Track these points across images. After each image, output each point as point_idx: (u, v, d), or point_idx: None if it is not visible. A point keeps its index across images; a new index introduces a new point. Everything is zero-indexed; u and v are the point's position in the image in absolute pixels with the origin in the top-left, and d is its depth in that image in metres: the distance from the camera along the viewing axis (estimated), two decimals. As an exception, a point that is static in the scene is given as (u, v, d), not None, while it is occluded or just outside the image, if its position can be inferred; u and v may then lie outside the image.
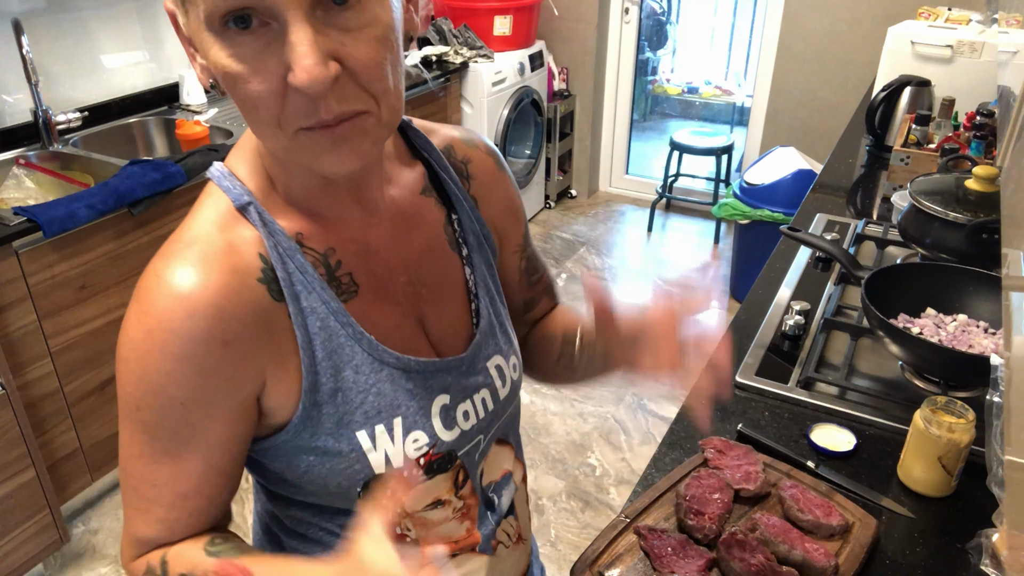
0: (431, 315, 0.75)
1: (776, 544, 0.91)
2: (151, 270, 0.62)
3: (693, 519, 0.95)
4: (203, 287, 0.60)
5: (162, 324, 0.59)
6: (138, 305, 0.61)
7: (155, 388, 0.61)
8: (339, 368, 0.66)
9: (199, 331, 0.60)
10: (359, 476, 0.68)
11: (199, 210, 0.65)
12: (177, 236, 0.63)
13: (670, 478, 1.04)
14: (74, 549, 2.17)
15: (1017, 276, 0.66)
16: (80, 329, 2.05)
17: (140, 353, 0.60)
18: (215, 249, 0.62)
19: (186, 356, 0.60)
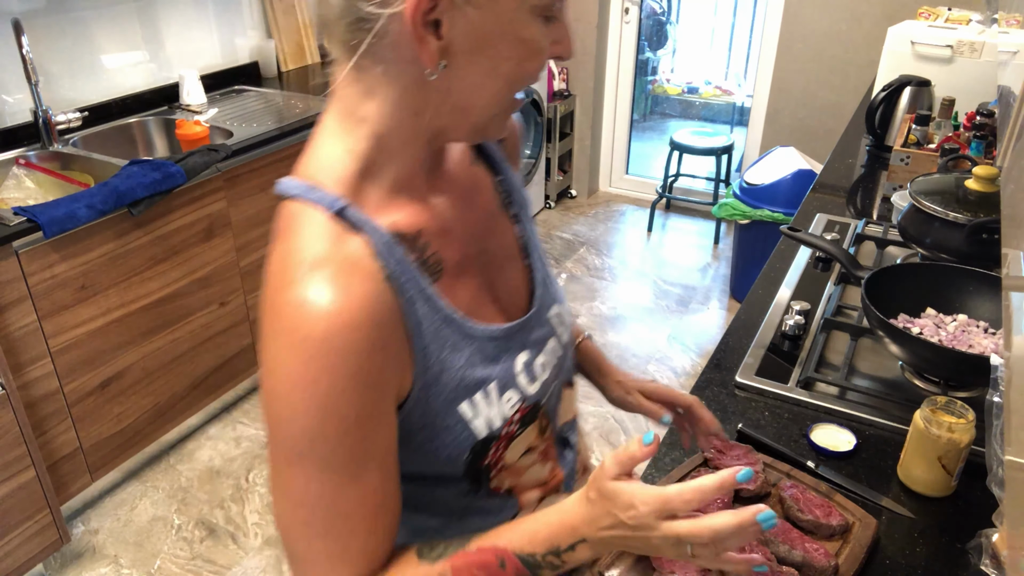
0: (498, 280, 0.79)
1: (776, 544, 0.91)
2: (287, 300, 0.61)
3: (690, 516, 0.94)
4: (351, 300, 0.60)
5: (324, 347, 0.59)
6: (287, 338, 0.60)
7: (329, 413, 0.60)
8: (440, 349, 0.69)
9: (361, 343, 0.60)
10: (466, 444, 0.72)
11: (299, 230, 0.65)
12: (291, 262, 0.63)
13: (670, 478, 1.04)
14: (74, 549, 2.17)
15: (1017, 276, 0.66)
16: (80, 329, 2.05)
17: (305, 383, 0.59)
18: (341, 262, 0.62)
19: (353, 372, 0.60)
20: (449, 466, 0.73)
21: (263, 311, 0.63)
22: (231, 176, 2.40)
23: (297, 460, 0.62)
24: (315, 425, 0.61)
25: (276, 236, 0.67)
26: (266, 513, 2.29)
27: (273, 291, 0.63)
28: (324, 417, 0.60)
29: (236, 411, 2.72)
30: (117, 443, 2.26)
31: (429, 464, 0.73)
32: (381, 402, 0.64)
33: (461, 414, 0.71)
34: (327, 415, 0.60)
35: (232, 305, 2.53)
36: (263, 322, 0.63)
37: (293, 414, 0.61)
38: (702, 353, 3.05)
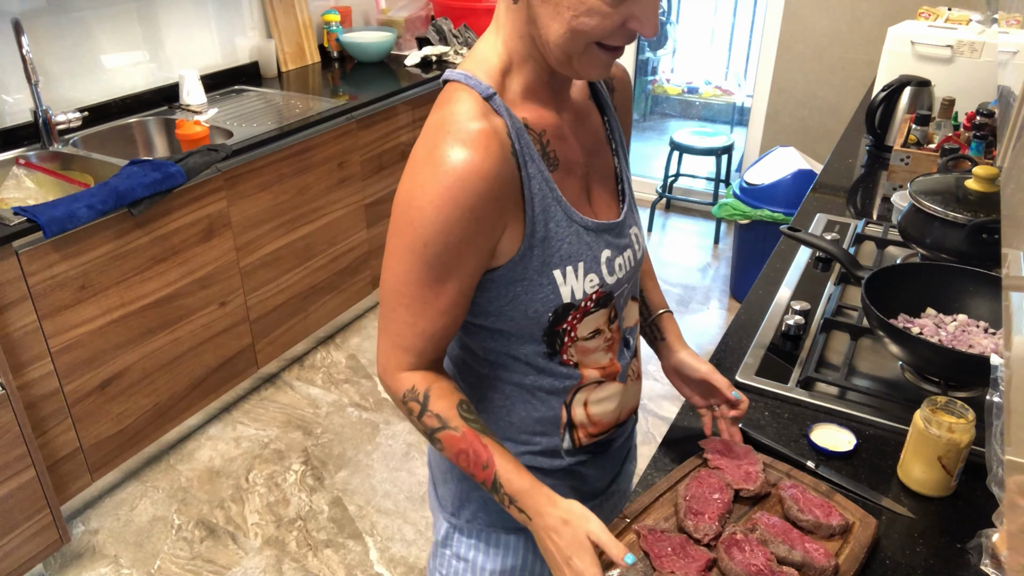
0: (596, 189, 0.96)
1: (776, 544, 0.91)
2: (440, 143, 0.80)
3: (692, 519, 0.95)
4: (486, 158, 0.80)
5: (459, 183, 0.79)
6: (435, 169, 0.80)
7: (445, 229, 0.80)
8: (547, 221, 0.87)
9: (485, 191, 0.80)
10: (551, 304, 0.90)
11: (456, 103, 0.83)
12: (449, 120, 0.82)
13: (670, 478, 1.04)
14: (74, 549, 2.17)
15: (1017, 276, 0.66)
16: (80, 329, 2.05)
17: (438, 203, 0.80)
18: (484, 130, 0.81)
19: (473, 207, 0.80)
20: (534, 323, 0.91)
21: (419, 148, 0.83)
22: (231, 176, 2.40)
23: (409, 252, 0.83)
24: (433, 234, 0.81)
25: (439, 104, 0.85)
26: (266, 513, 2.29)
27: (432, 136, 0.82)
28: (441, 230, 0.81)
29: (236, 411, 2.72)
30: (117, 443, 2.26)
31: (518, 318, 0.91)
32: (482, 238, 0.83)
33: (554, 277, 0.89)
34: (443, 230, 0.81)
35: (232, 305, 2.53)
36: (417, 156, 0.82)
37: (422, 220, 0.81)
38: (702, 353, 3.05)
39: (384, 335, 0.90)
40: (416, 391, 0.89)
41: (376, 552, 2.16)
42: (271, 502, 2.33)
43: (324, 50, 3.44)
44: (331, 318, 3.03)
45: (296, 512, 2.29)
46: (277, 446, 2.55)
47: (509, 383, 0.99)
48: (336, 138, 2.79)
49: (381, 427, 2.64)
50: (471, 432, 0.87)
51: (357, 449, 2.54)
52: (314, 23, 3.36)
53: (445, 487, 1.09)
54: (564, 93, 0.93)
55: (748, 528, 0.94)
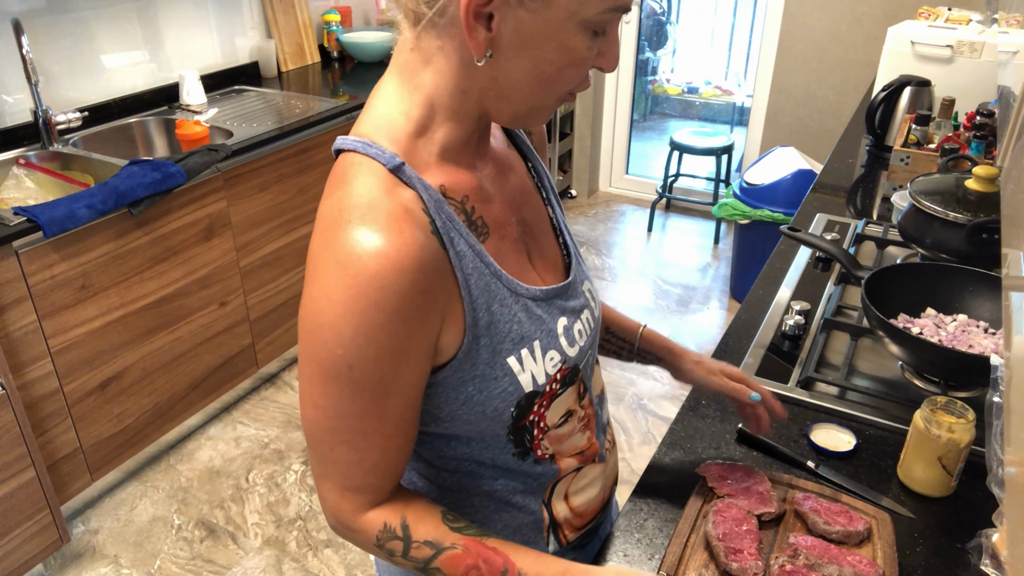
0: (535, 250, 0.85)
1: (823, 566, 0.90)
2: (342, 239, 0.66)
3: (735, 559, 0.91)
4: (403, 245, 0.66)
5: (374, 283, 0.65)
6: (340, 271, 0.66)
7: (368, 342, 0.67)
8: (489, 303, 0.75)
9: (407, 285, 0.66)
10: (512, 397, 0.78)
11: (355, 178, 0.70)
12: (348, 205, 0.68)
13: (687, 518, 0.99)
14: (74, 549, 2.17)
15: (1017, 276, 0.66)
16: (80, 329, 2.05)
17: (353, 314, 0.66)
18: (394, 210, 0.68)
19: (397, 309, 0.66)
20: (495, 422, 0.79)
21: (316, 246, 0.69)
22: (231, 176, 2.40)
23: (333, 379, 0.69)
24: (356, 353, 0.67)
25: (333, 183, 0.72)
26: (266, 513, 2.29)
27: (328, 228, 0.68)
28: (365, 345, 0.67)
29: (236, 411, 2.72)
30: (117, 443, 2.26)
31: (476, 420, 0.78)
32: (416, 340, 0.70)
33: (509, 366, 0.77)
34: (368, 345, 0.67)
35: (232, 305, 2.53)
36: (315, 255, 0.69)
37: (339, 340, 0.67)
38: (702, 353, 3.05)
39: (327, 480, 0.75)
40: (391, 527, 0.75)
41: (376, 552, 2.16)
42: (271, 502, 2.33)
43: (324, 50, 3.45)
44: (331, 318, 3.02)
45: (296, 512, 2.29)
46: (277, 446, 2.56)
47: (476, 493, 0.86)
48: (336, 138, 2.79)
49: (381, 427, 2.64)
50: (473, 542, 0.75)
51: (357, 449, 2.54)
52: (314, 23, 3.36)
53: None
54: (484, 146, 0.81)
55: (790, 555, 0.93)
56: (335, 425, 0.71)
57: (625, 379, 2.87)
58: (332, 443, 0.72)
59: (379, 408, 0.71)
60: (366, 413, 0.71)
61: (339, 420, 0.71)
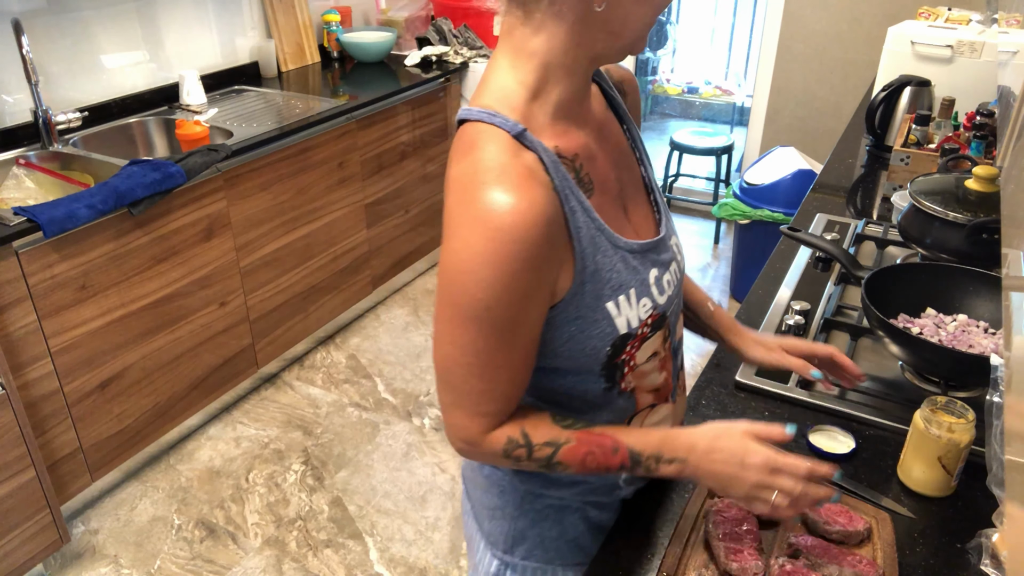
0: (631, 206, 0.93)
1: (824, 566, 0.90)
2: (481, 197, 0.75)
3: (735, 559, 0.91)
4: (532, 202, 0.75)
5: (510, 235, 0.74)
6: (481, 226, 0.74)
7: (503, 287, 0.75)
8: (595, 254, 0.83)
9: (536, 237, 0.75)
10: (608, 338, 0.86)
11: (483, 145, 0.78)
12: (481, 168, 0.76)
13: (687, 518, 1.00)
14: (74, 549, 2.17)
15: (1017, 276, 0.66)
16: (80, 329, 2.05)
17: (492, 262, 0.74)
18: (522, 172, 0.76)
19: (527, 258, 0.75)
20: (592, 359, 0.87)
21: (453, 204, 0.77)
22: (231, 176, 2.40)
23: (472, 320, 0.78)
24: (493, 296, 0.76)
25: (463, 150, 0.79)
26: (266, 513, 2.29)
27: (465, 189, 0.76)
28: (502, 291, 0.76)
29: (236, 411, 2.72)
30: (117, 443, 2.26)
31: (576, 356, 0.87)
32: (540, 284, 0.79)
33: (608, 310, 0.85)
34: (504, 290, 0.76)
35: (232, 305, 2.53)
36: (454, 214, 0.77)
37: (479, 285, 0.75)
38: (702, 353, 3.05)
39: (458, 408, 0.84)
40: (514, 439, 0.85)
41: (376, 552, 2.16)
42: (271, 502, 2.33)
43: (324, 50, 3.44)
44: (331, 318, 3.03)
45: (296, 512, 2.29)
46: (277, 446, 2.55)
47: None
48: (336, 138, 2.79)
49: (381, 427, 2.64)
50: (583, 433, 0.86)
51: (357, 449, 2.54)
52: (314, 23, 3.36)
53: (494, 523, 1.04)
54: (587, 106, 0.89)
55: (790, 555, 0.93)
56: (470, 360, 0.80)
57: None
58: (466, 376, 0.82)
59: (509, 343, 0.80)
60: (499, 348, 0.80)
61: (475, 356, 0.80)
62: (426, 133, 3.29)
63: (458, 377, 0.82)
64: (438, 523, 2.25)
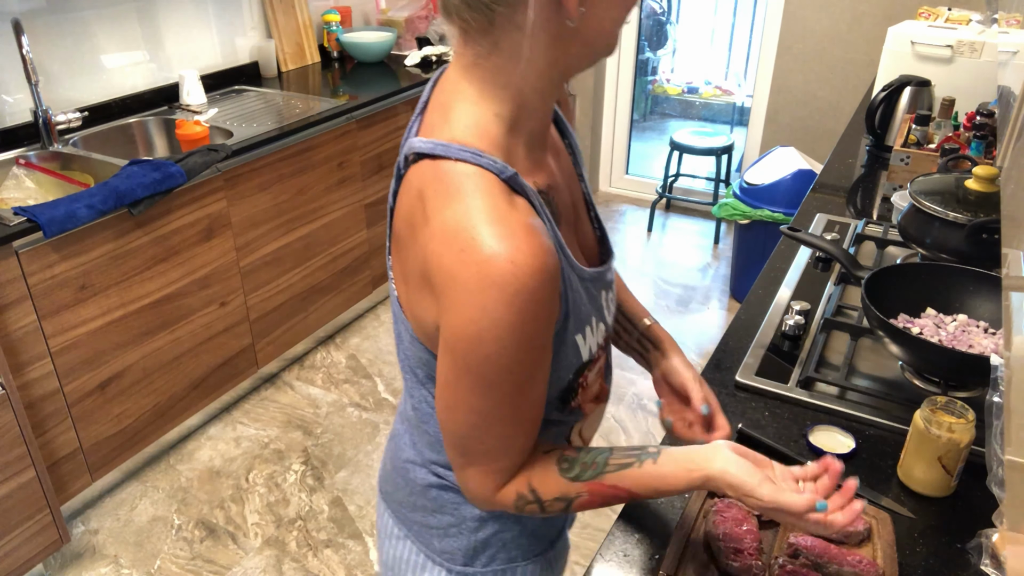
0: (579, 230, 0.91)
1: (824, 565, 0.90)
2: (493, 261, 0.68)
3: (735, 559, 0.91)
4: (544, 255, 0.70)
5: (531, 298, 0.70)
6: (499, 292, 0.69)
7: (526, 348, 0.73)
8: (568, 289, 0.80)
9: (552, 292, 0.72)
10: (574, 366, 0.85)
11: (473, 192, 0.71)
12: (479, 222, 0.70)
13: (686, 518, 1.00)
14: (74, 549, 2.17)
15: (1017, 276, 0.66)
16: (80, 329, 2.05)
17: (514, 326, 0.70)
18: (523, 222, 0.71)
19: (547, 315, 0.73)
20: (554, 387, 0.85)
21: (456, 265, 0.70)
22: (231, 176, 2.40)
23: (493, 386, 0.74)
24: (516, 360, 0.73)
25: (446, 195, 0.72)
26: (266, 513, 2.29)
27: (470, 248, 0.69)
28: (523, 353, 0.73)
29: (236, 411, 2.72)
30: (117, 443, 2.26)
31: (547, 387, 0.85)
32: (551, 333, 0.77)
33: (576, 342, 0.84)
34: (525, 350, 0.73)
35: (232, 305, 2.53)
36: (460, 276, 0.70)
37: (503, 352, 0.71)
38: (702, 353, 3.05)
39: (471, 468, 0.81)
40: (524, 496, 0.83)
41: (376, 552, 2.16)
42: (271, 502, 2.33)
43: (324, 50, 3.45)
44: (331, 318, 3.03)
45: (296, 512, 2.29)
46: (277, 446, 2.56)
47: None
48: (336, 138, 2.79)
49: (381, 427, 2.64)
50: (593, 485, 0.83)
51: (357, 449, 2.54)
52: (314, 23, 3.36)
53: (448, 541, 0.98)
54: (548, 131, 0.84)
55: (790, 555, 0.93)
56: (491, 423, 0.77)
57: (625, 379, 2.87)
58: (483, 437, 0.79)
59: (527, 398, 0.78)
60: (518, 405, 0.77)
61: (496, 417, 0.77)
62: (426, 133, 3.28)
63: (475, 441, 0.79)
64: (438, 523, 2.25)
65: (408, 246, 0.78)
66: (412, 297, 0.80)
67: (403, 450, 1.00)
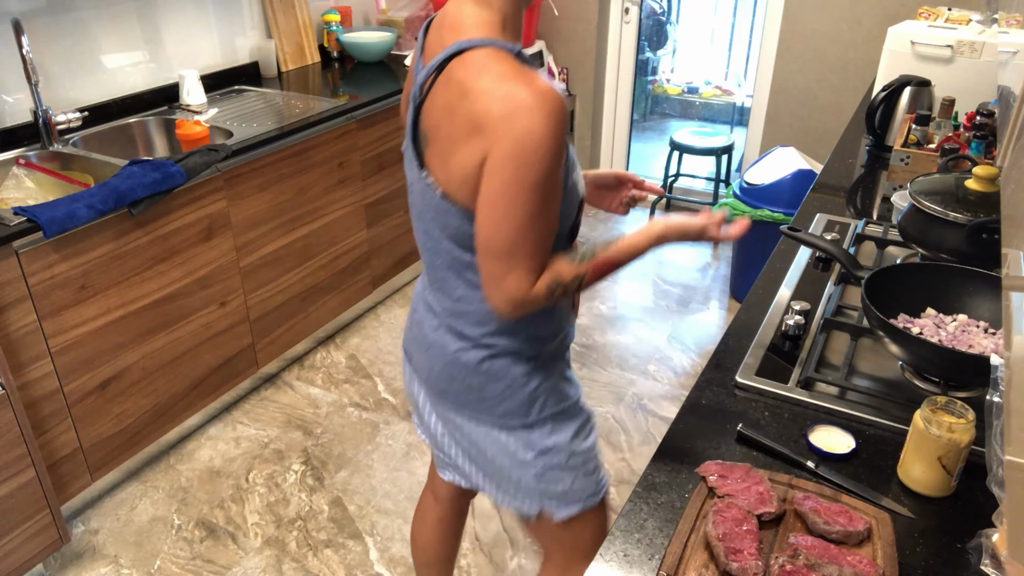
0: None
1: (823, 566, 0.90)
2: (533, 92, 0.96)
3: (735, 559, 0.91)
4: (559, 93, 0.98)
5: (562, 113, 0.98)
6: (539, 110, 0.96)
7: (559, 153, 0.99)
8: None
9: (567, 120, 0.99)
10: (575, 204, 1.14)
11: (502, 60, 1.00)
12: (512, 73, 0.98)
13: (687, 518, 1.00)
14: (74, 549, 2.17)
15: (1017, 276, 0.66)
16: (80, 329, 2.05)
17: (554, 134, 0.97)
18: (537, 74, 0.99)
19: (565, 139, 1.00)
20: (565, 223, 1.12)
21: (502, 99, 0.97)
22: (231, 176, 2.40)
23: (536, 188, 0.99)
24: (555, 162, 0.99)
25: (480, 66, 1.00)
26: (266, 513, 2.29)
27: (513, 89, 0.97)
28: (556, 157, 0.99)
29: (236, 411, 2.72)
30: (117, 443, 2.26)
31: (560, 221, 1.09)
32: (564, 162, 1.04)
33: (576, 180, 1.12)
34: (558, 155, 0.99)
35: (232, 305, 2.53)
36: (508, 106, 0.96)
37: (545, 157, 0.97)
38: (702, 353, 3.05)
39: (512, 273, 1.04)
40: (552, 284, 1.07)
41: (376, 552, 2.16)
42: (271, 502, 2.33)
43: (324, 50, 3.44)
44: (331, 318, 3.03)
45: (296, 512, 2.29)
46: (277, 446, 2.56)
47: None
48: (336, 138, 2.79)
49: (381, 427, 2.64)
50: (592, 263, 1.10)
51: (357, 449, 2.54)
52: (314, 23, 3.36)
53: (507, 403, 1.22)
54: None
55: (790, 555, 0.93)
56: (530, 224, 1.01)
57: (625, 379, 2.87)
58: (525, 240, 1.02)
59: (553, 208, 1.03)
60: (549, 213, 1.02)
61: (534, 220, 1.01)
62: (426, 133, 3.28)
63: (518, 244, 1.02)
64: (438, 523, 2.25)
65: (447, 125, 1.03)
66: (456, 165, 1.03)
67: (448, 346, 1.22)
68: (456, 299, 1.18)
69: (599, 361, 2.99)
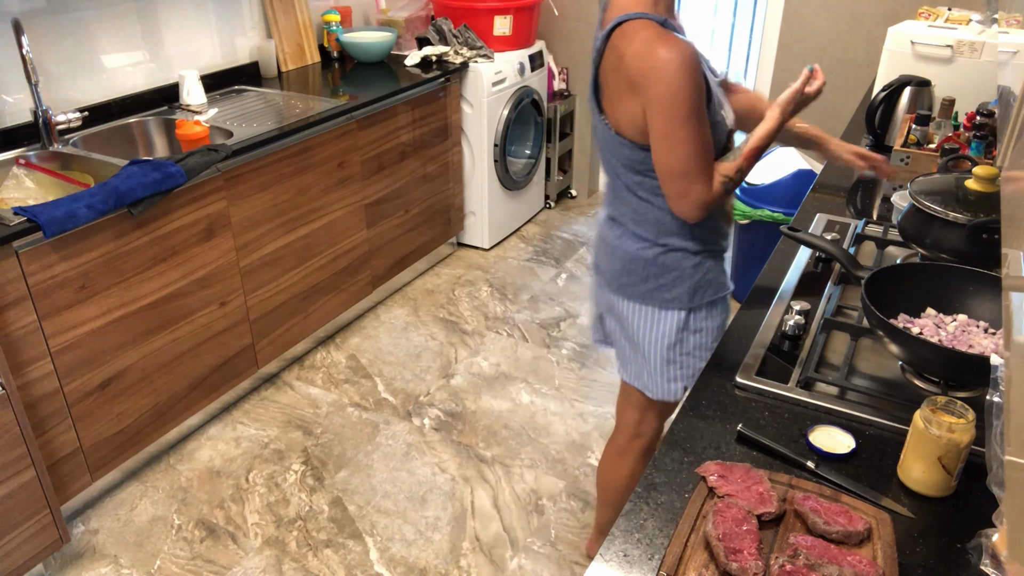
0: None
1: (823, 566, 0.90)
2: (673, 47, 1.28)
3: (735, 559, 0.91)
4: (693, 49, 1.30)
5: (695, 64, 1.30)
6: (679, 60, 1.28)
7: (699, 93, 1.31)
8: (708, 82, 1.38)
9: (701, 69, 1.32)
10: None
11: (647, 28, 1.32)
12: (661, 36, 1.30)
13: (687, 517, 1.00)
14: (74, 549, 2.17)
15: (1017, 276, 0.66)
16: (80, 329, 2.05)
17: (691, 78, 1.29)
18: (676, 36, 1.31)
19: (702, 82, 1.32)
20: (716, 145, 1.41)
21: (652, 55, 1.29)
22: (231, 176, 2.40)
23: (691, 117, 1.31)
24: (696, 98, 1.31)
25: (630, 36, 1.33)
26: (266, 513, 2.29)
27: (658, 48, 1.29)
28: (697, 94, 1.31)
29: (236, 411, 2.72)
30: (117, 443, 2.26)
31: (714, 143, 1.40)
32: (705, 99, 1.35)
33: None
34: (699, 89, 1.31)
35: (232, 305, 2.53)
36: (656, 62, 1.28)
37: (689, 93, 1.29)
38: (702, 353, 3.05)
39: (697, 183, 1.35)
40: (724, 181, 1.39)
41: (376, 552, 2.16)
42: (271, 502, 2.33)
43: (324, 50, 3.44)
44: (331, 318, 3.03)
45: (296, 512, 2.29)
46: (277, 446, 2.56)
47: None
48: (336, 138, 2.79)
49: (381, 427, 2.64)
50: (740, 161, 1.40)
51: (357, 449, 2.54)
52: (314, 23, 3.36)
53: (674, 290, 1.53)
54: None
55: (790, 555, 0.93)
56: (697, 145, 1.33)
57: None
58: (696, 157, 1.34)
59: (707, 131, 1.35)
60: (704, 131, 1.34)
61: (699, 142, 1.33)
62: (426, 133, 3.29)
63: (693, 161, 1.33)
64: (438, 523, 2.25)
65: (613, 81, 1.38)
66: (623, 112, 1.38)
67: (628, 245, 1.53)
68: (634, 210, 1.50)
69: (599, 361, 2.99)
